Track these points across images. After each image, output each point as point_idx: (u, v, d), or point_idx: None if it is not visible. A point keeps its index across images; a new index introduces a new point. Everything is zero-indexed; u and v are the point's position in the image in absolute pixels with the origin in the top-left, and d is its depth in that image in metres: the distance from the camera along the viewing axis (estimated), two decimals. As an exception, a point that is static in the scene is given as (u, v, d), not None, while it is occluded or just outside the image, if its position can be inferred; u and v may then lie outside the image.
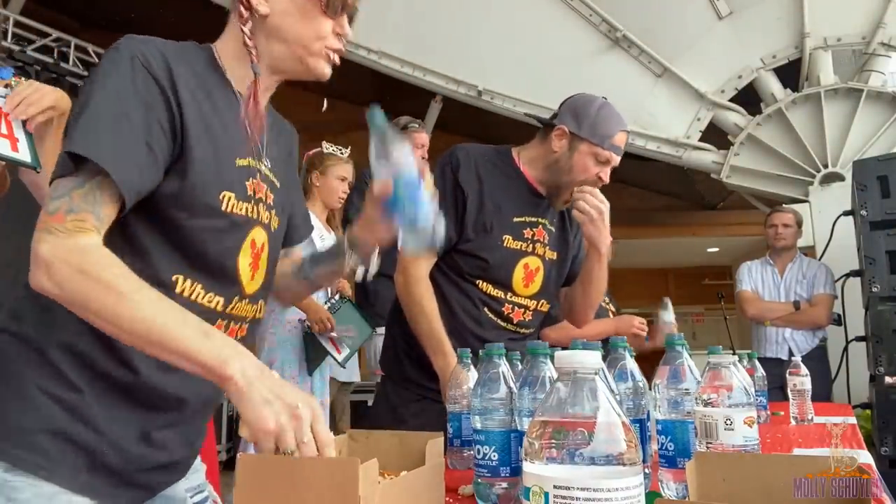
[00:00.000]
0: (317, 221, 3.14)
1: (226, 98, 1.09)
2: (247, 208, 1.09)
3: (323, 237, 3.16)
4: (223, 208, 1.05)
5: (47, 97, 1.50)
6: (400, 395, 1.86)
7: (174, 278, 1.02)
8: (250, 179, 1.10)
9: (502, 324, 1.83)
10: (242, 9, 1.08)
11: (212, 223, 1.04)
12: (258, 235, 1.13)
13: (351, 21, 1.15)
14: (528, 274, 1.84)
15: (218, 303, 1.07)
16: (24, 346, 1.00)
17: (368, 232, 1.22)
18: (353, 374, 3.69)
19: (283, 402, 0.85)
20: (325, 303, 3.16)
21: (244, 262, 1.10)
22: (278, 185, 1.19)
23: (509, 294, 1.83)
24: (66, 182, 0.94)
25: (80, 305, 0.91)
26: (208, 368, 0.88)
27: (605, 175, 1.79)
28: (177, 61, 1.02)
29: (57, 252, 0.90)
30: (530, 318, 1.88)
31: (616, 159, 1.78)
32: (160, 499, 1.13)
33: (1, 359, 1.01)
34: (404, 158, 1.08)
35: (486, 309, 1.81)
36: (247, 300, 1.13)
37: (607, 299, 3.14)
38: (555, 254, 1.89)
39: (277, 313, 3.05)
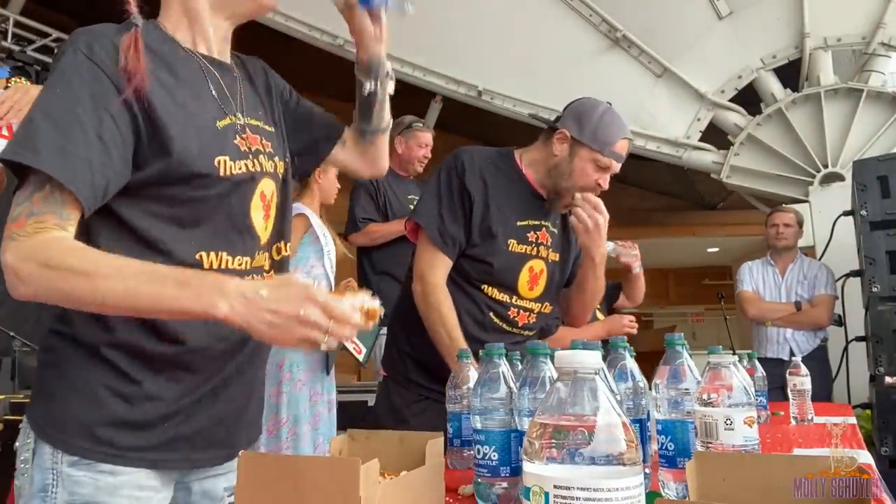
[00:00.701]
0: (316, 218, 3.15)
1: (187, 65, 1.08)
2: (246, 165, 1.08)
3: (325, 234, 3.18)
4: (221, 173, 1.04)
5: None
6: (402, 396, 1.86)
7: (198, 256, 1.03)
8: (238, 137, 1.10)
9: (507, 328, 1.83)
10: None
11: (215, 191, 1.04)
12: (266, 187, 1.13)
13: None
14: (533, 277, 1.84)
15: (246, 262, 1.09)
16: (77, 346, 1.02)
17: (368, 43, 1.23)
18: None
19: (286, 317, 0.86)
20: None
21: (257, 217, 1.11)
22: (272, 129, 1.19)
23: (515, 298, 1.83)
24: (26, 189, 0.94)
25: (58, 299, 0.92)
26: (197, 316, 0.89)
27: (605, 182, 1.78)
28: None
29: (20, 254, 0.90)
30: (534, 320, 1.88)
31: (616, 166, 1.77)
32: (199, 494, 1.14)
33: (59, 359, 1.03)
34: None
35: (491, 314, 1.81)
36: (262, 251, 1.14)
37: (599, 308, 3.14)
38: (557, 255, 1.89)
39: None
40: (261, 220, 1.12)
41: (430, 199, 1.80)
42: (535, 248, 1.83)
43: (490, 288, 1.81)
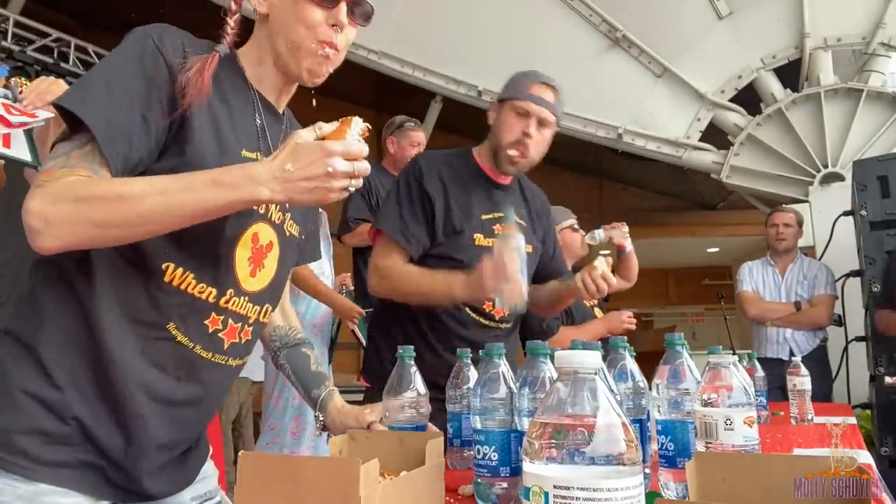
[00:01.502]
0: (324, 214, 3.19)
1: (239, 95, 1.11)
2: None
3: (328, 231, 3.22)
4: None
5: (61, 88, 1.57)
6: None
7: (164, 266, 1.01)
8: None
9: (484, 321, 1.83)
10: (234, 5, 1.10)
11: None
12: (263, 231, 1.11)
13: (355, 12, 1.10)
14: None
15: (210, 293, 1.05)
16: (16, 344, 1.00)
17: (337, 424, 1.23)
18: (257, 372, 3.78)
19: (319, 179, 0.92)
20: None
21: (242, 254, 1.08)
22: None
23: None
24: (66, 144, 0.95)
25: (92, 234, 0.91)
26: (241, 206, 0.94)
27: (530, 129, 1.77)
28: (194, 51, 1.04)
29: (47, 198, 0.90)
30: (510, 312, 1.88)
31: (535, 108, 1.77)
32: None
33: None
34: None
35: (468, 309, 1.81)
36: (246, 297, 1.10)
37: (594, 302, 3.14)
38: (530, 247, 1.89)
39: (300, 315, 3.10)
40: (244, 261, 1.08)
41: (391, 206, 1.82)
42: None
43: None
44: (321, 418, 1.27)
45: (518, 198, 1.93)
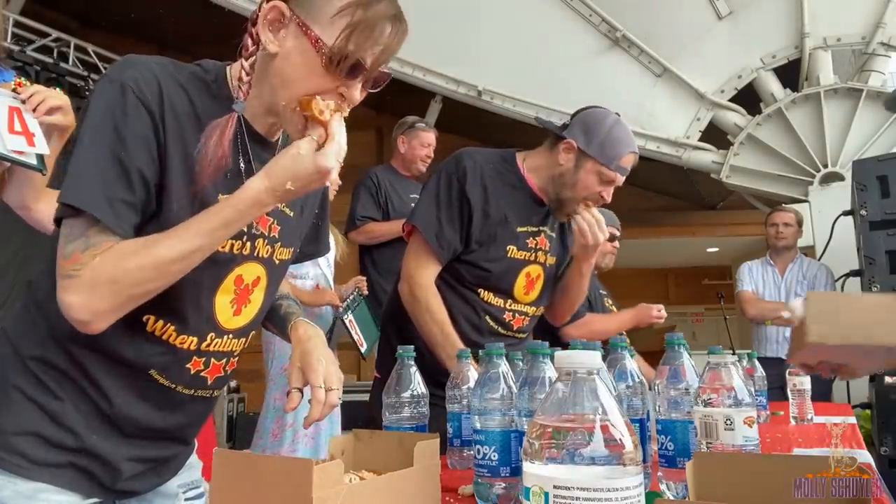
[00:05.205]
0: None
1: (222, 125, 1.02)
2: (233, 245, 1.03)
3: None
4: None
5: (60, 98, 1.55)
6: None
7: (145, 318, 1.00)
8: None
9: (502, 331, 1.83)
10: (250, 42, 1.00)
11: None
12: (248, 271, 1.08)
13: (371, 85, 1.03)
14: (530, 282, 1.84)
15: (191, 342, 1.05)
16: (13, 351, 1.02)
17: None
18: None
19: (320, 180, 0.95)
20: (345, 298, 3.22)
21: (223, 299, 1.06)
22: (290, 213, 1.14)
23: (510, 302, 1.83)
24: (78, 224, 0.92)
25: (138, 300, 0.93)
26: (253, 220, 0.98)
27: (608, 194, 1.78)
28: (171, 86, 0.98)
29: (84, 289, 0.90)
30: (528, 323, 1.89)
31: (621, 180, 1.78)
32: (150, 493, 1.14)
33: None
34: None
35: (487, 317, 1.81)
36: (229, 335, 1.09)
37: (610, 301, 3.14)
38: (553, 259, 1.90)
39: None
40: (226, 304, 1.06)
41: (429, 203, 1.79)
42: (534, 254, 1.83)
43: (486, 292, 1.80)
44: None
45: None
